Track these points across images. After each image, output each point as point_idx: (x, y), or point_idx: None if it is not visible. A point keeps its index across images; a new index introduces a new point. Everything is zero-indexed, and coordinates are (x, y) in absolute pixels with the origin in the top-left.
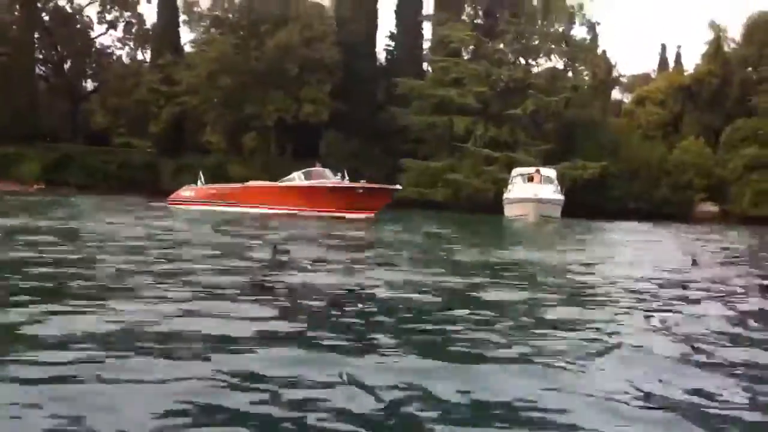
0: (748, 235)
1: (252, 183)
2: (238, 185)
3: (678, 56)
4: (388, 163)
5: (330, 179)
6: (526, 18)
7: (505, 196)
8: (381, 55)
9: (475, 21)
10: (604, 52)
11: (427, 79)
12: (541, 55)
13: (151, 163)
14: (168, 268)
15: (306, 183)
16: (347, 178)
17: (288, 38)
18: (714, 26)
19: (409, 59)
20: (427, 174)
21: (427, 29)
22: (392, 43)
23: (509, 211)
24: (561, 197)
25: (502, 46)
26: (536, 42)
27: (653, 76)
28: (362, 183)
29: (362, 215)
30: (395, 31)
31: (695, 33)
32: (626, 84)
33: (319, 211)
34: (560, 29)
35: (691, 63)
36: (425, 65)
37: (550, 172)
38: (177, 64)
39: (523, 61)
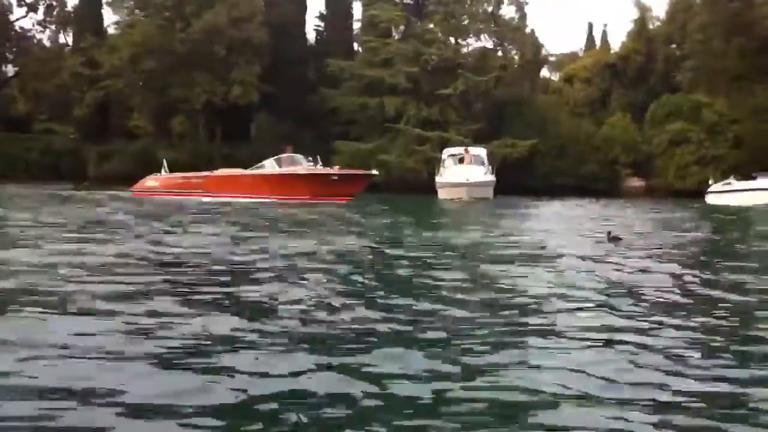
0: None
1: (221, 171)
2: (206, 173)
3: (604, 35)
4: (321, 145)
5: (302, 165)
6: None
7: (438, 179)
8: (311, 36)
9: (404, 1)
10: (532, 31)
11: (358, 60)
12: (470, 35)
13: (74, 150)
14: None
15: (278, 170)
16: (321, 164)
17: (215, 19)
18: (639, 4)
19: (339, 40)
20: (359, 156)
21: (356, 9)
22: (322, 24)
23: (443, 194)
24: (492, 178)
25: (431, 25)
26: (465, 22)
27: (580, 54)
28: (335, 169)
29: (336, 201)
30: (325, 12)
31: (621, 12)
32: (554, 62)
33: (291, 199)
34: (489, 9)
35: (617, 41)
36: (356, 45)
37: (480, 151)
38: (100, 47)
39: (452, 40)
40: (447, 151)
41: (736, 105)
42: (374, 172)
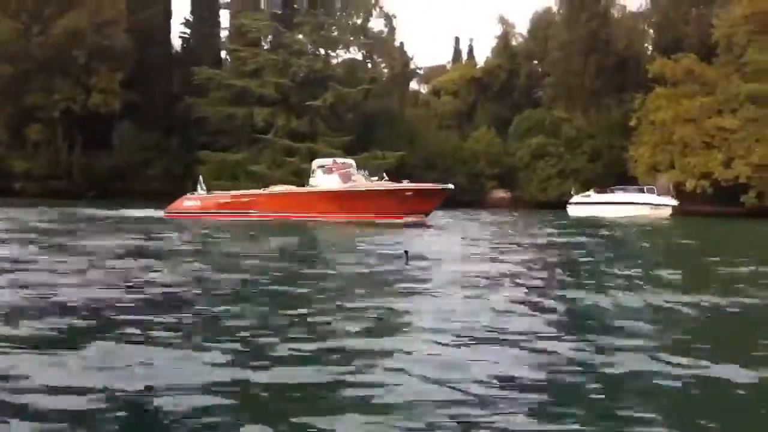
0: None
1: (274, 188)
2: (258, 191)
3: (471, 49)
4: (186, 156)
5: (361, 178)
6: (324, 9)
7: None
8: (176, 43)
9: (273, 10)
10: (401, 44)
11: (226, 69)
12: (340, 47)
13: None
14: None
15: (346, 186)
16: (386, 177)
17: (75, 23)
18: (502, 20)
19: (206, 48)
20: (227, 166)
21: (224, 17)
22: (188, 31)
23: None
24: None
25: (300, 36)
26: (335, 33)
27: (448, 67)
28: (405, 183)
29: (412, 218)
30: (191, 18)
31: (486, 26)
32: (423, 75)
33: (359, 217)
34: (358, 21)
35: (482, 56)
36: (223, 54)
37: (349, 162)
38: None
39: (322, 52)
40: (316, 162)
41: (593, 120)
42: (450, 186)
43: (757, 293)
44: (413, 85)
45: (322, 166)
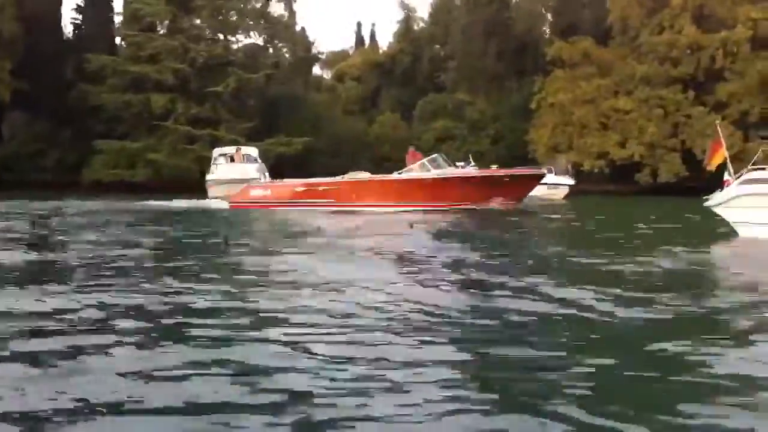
0: None
1: (355, 175)
2: (336, 179)
3: (373, 34)
4: (80, 145)
5: (444, 167)
6: None
7: (209, 177)
8: (68, 29)
9: None
10: (303, 28)
11: (121, 55)
12: (239, 32)
13: None
14: None
15: (437, 174)
16: (473, 163)
17: None
18: (403, 5)
19: (99, 34)
20: (125, 155)
21: (117, 1)
22: (79, 17)
23: (214, 192)
24: (266, 177)
25: (198, 21)
26: (234, 18)
27: (351, 53)
28: (495, 168)
29: (505, 205)
30: (82, 4)
31: (388, 11)
32: (326, 60)
33: (450, 206)
34: (257, 5)
35: (385, 41)
36: (118, 40)
37: (251, 150)
38: None
39: (221, 37)
40: (217, 150)
41: (495, 103)
42: (544, 171)
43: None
44: (317, 70)
45: (223, 154)
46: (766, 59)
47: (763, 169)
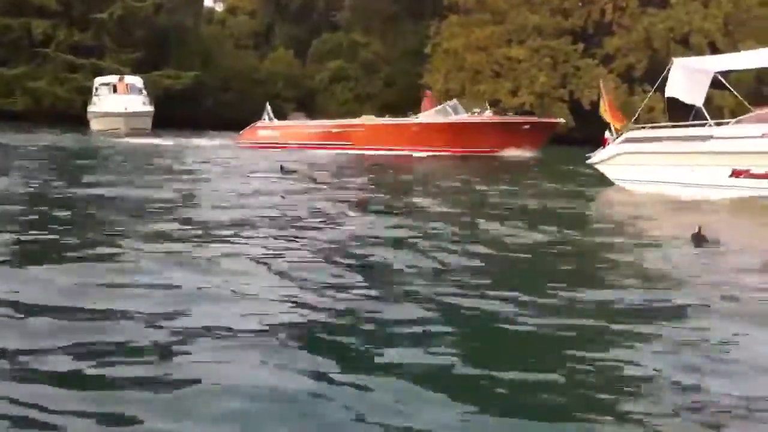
0: None
1: (370, 119)
2: (353, 121)
3: None
4: None
5: (462, 113)
6: None
7: (90, 108)
8: None
9: None
10: None
11: None
12: None
13: None
14: None
15: (458, 118)
16: (489, 110)
17: None
18: None
19: None
20: (2, 82)
21: None
22: None
23: (96, 125)
24: (150, 108)
25: None
26: None
27: None
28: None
29: (525, 152)
30: None
31: None
32: None
33: (470, 152)
34: None
35: None
36: None
37: (135, 80)
38: None
39: None
40: (99, 80)
41: (390, 46)
42: (561, 120)
43: None
44: (208, 2)
45: (106, 84)
46: (653, 15)
47: (643, 127)
